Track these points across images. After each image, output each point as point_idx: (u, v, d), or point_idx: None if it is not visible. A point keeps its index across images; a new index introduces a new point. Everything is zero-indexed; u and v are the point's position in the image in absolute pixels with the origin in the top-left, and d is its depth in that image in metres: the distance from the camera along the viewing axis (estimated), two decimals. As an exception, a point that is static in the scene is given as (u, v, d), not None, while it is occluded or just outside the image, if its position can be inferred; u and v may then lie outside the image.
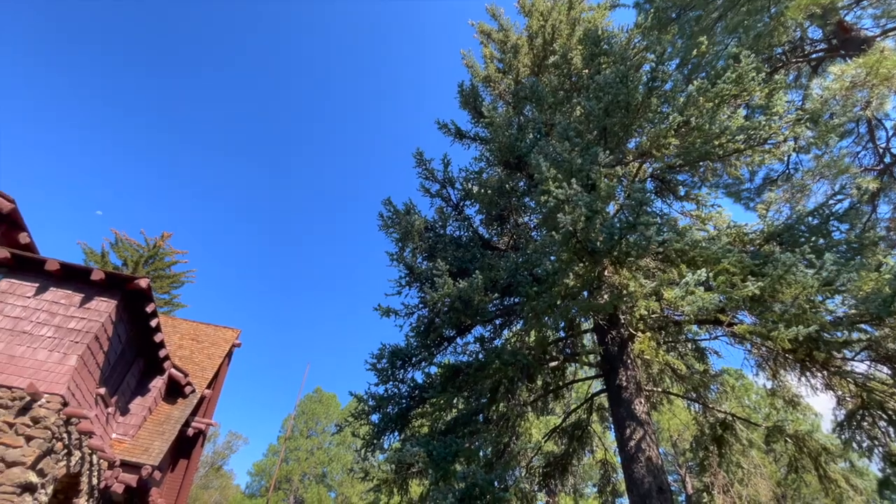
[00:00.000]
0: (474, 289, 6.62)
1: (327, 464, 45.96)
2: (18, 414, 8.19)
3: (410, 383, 8.23)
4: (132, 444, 12.24)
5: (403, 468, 6.46)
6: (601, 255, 6.39)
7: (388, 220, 8.63)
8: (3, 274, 9.87)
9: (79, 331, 9.62)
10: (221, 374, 18.98)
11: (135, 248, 28.35)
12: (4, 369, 8.57)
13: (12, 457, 7.76)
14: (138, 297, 10.91)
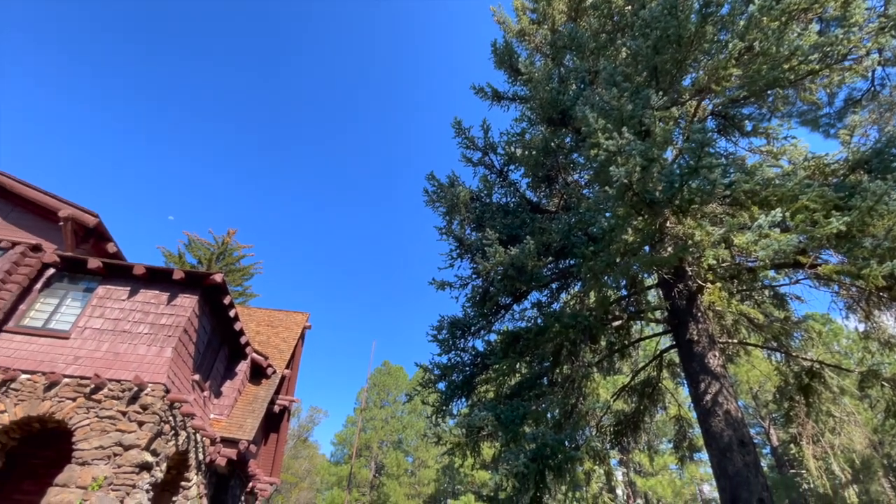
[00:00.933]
0: (527, 254, 6.51)
1: (402, 431, 48.62)
2: (129, 403, 9.31)
3: (472, 352, 8.37)
4: (228, 423, 13.59)
5: (474, 432, 6.67)
6: (661, 206, 6.01)
7: (432, 194, 8.61)
8: (98, 281, 11.06)
9: (170, 325, 10.64)
10: (297, 355, 20.39)
11: (206, 246, 30.64)
12: (112, 365, 9.71)
13: (129, 440, 8.88)
14: (216, 291, 11.84)
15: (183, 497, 11.02)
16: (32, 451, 11.05)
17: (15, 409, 8.79)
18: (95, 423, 8.88)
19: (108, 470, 8.38)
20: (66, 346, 9.85)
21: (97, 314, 10.44)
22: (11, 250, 10.50)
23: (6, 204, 11.84)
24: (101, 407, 9.07)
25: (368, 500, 44.43)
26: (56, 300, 10.62)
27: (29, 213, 11.74)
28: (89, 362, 9.63)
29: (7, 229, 11.36)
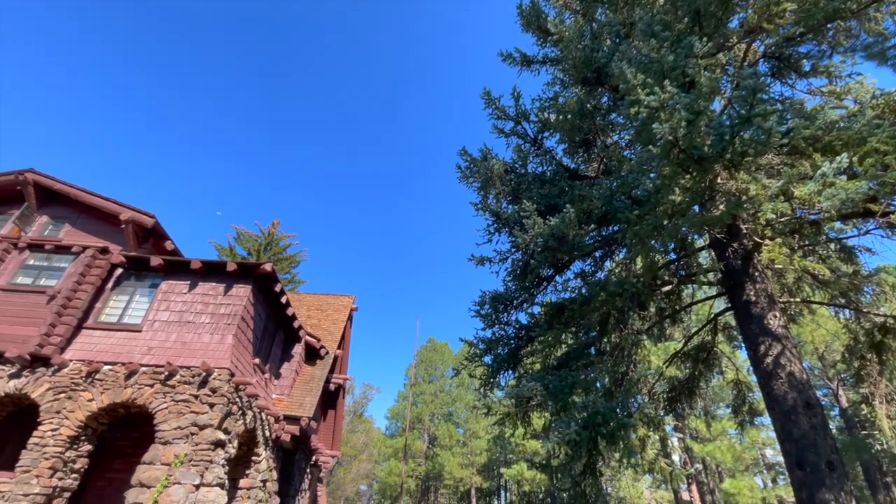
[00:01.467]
0: (567, 224, 6.34)
1: (451, 404, 49.96)
2: (199, 387, 10.06)
3: (515, 325, 8.36)
4: (289, 402, 14.44)
5: (523, 402, 6.73)
6: (711, 162, 5.64)
7: (465, 170, 8.50)
8: (161, 277, 11.86)
9: (228, 314, 11.31)
10: (347, 336, 21.21)
11: (254, 238, 32.08)
12: (181, 353, 10.50)
13: (203, 421, 9.64)
14: (267, 280, 12.43)
15: (255, 470, 11.92)
16: (120, 434, 12.27)
17: (101, 396, 9.74)
18: (172, 406, 9.70)
19: (188, 448, 9.18)
20: (139, 338, 10.73)
21: (163, 307, 11.26)
22: (83, 254, 11.42)
23: (72, 212, 12.84)
24: (175, 392, 9.88)
25: (424, 470, 46.34)
26: (126, 297, 11.52)
27: (93, 218, 12.69)
28: (161, 352, 10.47)
29: (76, 235, 12.35)
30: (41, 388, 9.70)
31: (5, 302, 10.68)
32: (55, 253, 11.53)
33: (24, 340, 10.01)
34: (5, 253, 11.31)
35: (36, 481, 8.62)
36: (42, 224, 12.59)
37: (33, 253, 11.51)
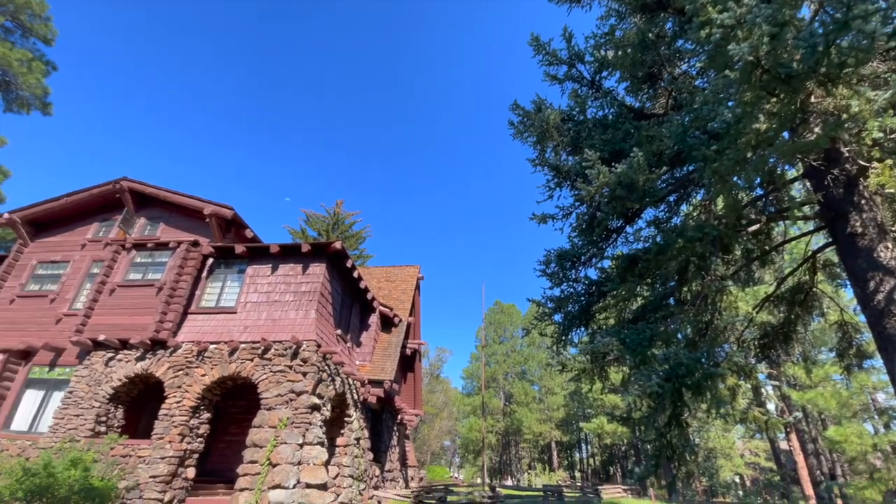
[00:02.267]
0: (635, 169, 5.91)
1: (524, 363, 50.60)
2: (292, 358, 11.02)
3: (585, 281, 8.11)
4: (371, 367, 15.43)
5: (598, 357, 6.61)
6: (801, 79, 4.90)
7: (519, 125, 8.13)
8: (245, 263, 12.92)
9: (309, 292, 12.14)
10: (417, 304, 21.99)
11: (321, 219, 33.77)
12: (272, 329, 11.51)
13: (298, 388, 10.60)
14: (338, 257, 13.11)
15: (348, 430, 13.04)
16: (231, 402, 13.93)
17: (212, 371, 11.04)
18: (271, 376, 10.77)
19: (289, 412, 10.22)
20: (235, 318, 11.91)
21: (252, 290, 12.33)
22: (178, 249, 12.72)
23: (164, 211, 14.25)
24: (272, 364, 10.93)
25: (503, 426, 47.93)
26: (219, 283, 12.75)
27: (182, 215, 14.01)
28: (255, 329, 11.57)
29: (170, 232, 13.74)
30: (163, 367, 11.20)
31: (123, 296, 12.28)
32: (155, 250, 12.95)
33: (143, 328, 11.52)
34: (116, 254, 12.90)
35: (169, 446, 10.10)
36: (141, 225, 14.14)
37: (138, 252, 13.02)
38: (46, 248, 14.06)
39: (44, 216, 14.24)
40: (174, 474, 9.96)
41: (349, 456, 12.39)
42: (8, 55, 19.35)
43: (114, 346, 11.56)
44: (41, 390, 11.80)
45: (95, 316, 11.94)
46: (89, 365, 11.46)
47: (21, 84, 20.53)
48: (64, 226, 14.47)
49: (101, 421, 10.85)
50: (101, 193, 14.15)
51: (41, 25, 21.65)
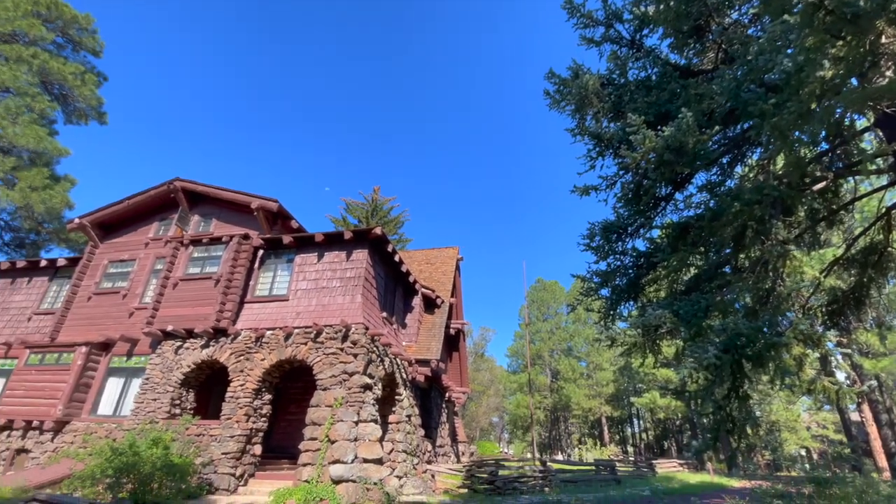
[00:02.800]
0: (684, 130, 5.55)
1: (569, 339, 50.04)
2: (342, 341, 11.45)
3: (632, 253, 7.82)
4: (417, 347, 15.78)
5: (650, 331, 6.39)
6: (870, 18, 4.39)
7: (555, 94, 7.81)
8: (293, 253, 13.43)
9: (353, 277, 12.50)
10: (458, 285, 22.14)
11: (360, 206, 34.45)
12: (322, 314, 11.97)
13: (350, 369, 11.02)
14: (379, 242, 13.36)
15: (399, 407, 13.49)
16: (289, 384, 14.72)
17: (270, 356, 11.68)
18: (324, 358, 11.27)
19: (343, 392, 10.68)
20: (288, 305, 12.47)
21: (301, 278, 12.85)
22: (231, 242, 13.40)
23: (215, 207, 14.99)
24: (324, 347, 11.41)
25: (551, 402, 47.93)
26: (271, 273, 13.35)
27: (232, 210, 14.69)
28: (307, 315, 12.08)
29: (222, 227, 14.47)
30: (225, 353, 11.96)
31: (185, 289, 13.14)
32: (210, 244, 13.71)
33: (205, 318, 12.32)
34: (175, 250, 13.77)
35: (236, 425, 10.86)
36: (196, 222, 14.97)
37: (195, 247, 13.83)
38: (115, 248, 15.21)
39: (109, 219, 15.36)
40: (243, 451, 10.73)
41: (402, 432, 12.84)
42: (63, 70, 20.73)
43: (181, 336, 12.46)
44: (121, 378, 12.95)
45: (163, 308, 12.89)
46: (161, 353, 12.44)
47: (77, 96, 21.99)
48: (128, 226, 15.57)
49: (176, 404, 11.80)
50: (157, 194, 15.06)
51: (89, 38, 22.97)
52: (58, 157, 20.58)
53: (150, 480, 8.75)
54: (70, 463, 10.00)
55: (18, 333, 14.66)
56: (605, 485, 15.18)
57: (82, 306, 14.20)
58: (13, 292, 15.86)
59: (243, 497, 9.69)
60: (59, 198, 19.34)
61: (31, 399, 12.56)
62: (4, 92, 19.64)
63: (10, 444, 12.18)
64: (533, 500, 11.46)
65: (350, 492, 8.90)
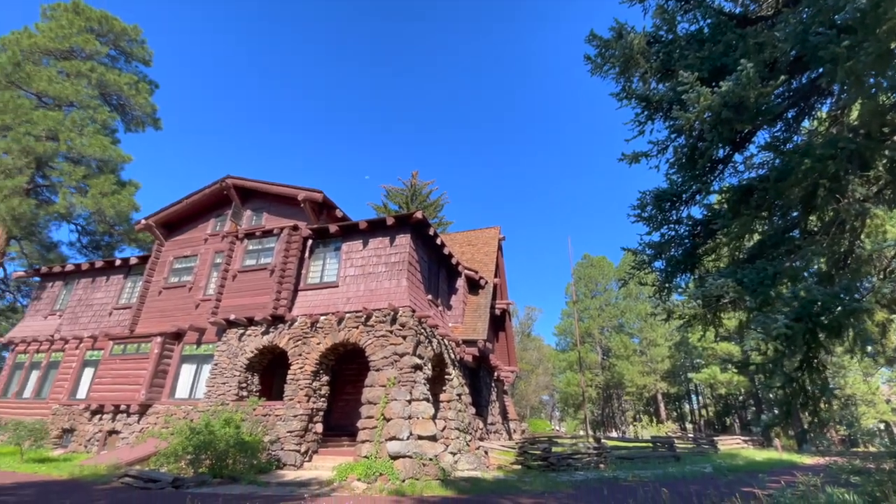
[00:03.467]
0: (744, 84, 5.09)
1: (620, 315, 48.66)
2: (391, 323, 11.74)
3: (688, 222, 7.38)
4: (464, 328, 15.92)
5: (711, 302, 6.04)
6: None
7: (597, 58, 7.39)
8: (340, 241, 13.82)
9: (398, 262, 12.71)
10: (500, 265, 22.00)
11: (400, 192, 34.80)
12: (371, 299, 12.30)
13: (400, 350, 11.31)
14: (420, 226, 13.47)
15: (449, 386, 13.74)
16: (344, 365, 15.34)
17: (325, 339, 12.19)
18: (374, 341, 11.62)
19: (395, 372, 11.00)
20: (338, 292, 12.92)
21: (349, 265, 13.24)
22: (282, 234, 13.97)
23: (265, 201, 15.64)
24: (375, 329, 11.76)
25: (603, 379, 47.15)
26: (320, 261, 13.85)
27: (281, 203, 15.29)
28: (356, 300, 12.46)
29: (273, 220, 15.10)
30: (284, 338, 12.62)
31: (243, 280, 13.90)
32: (263, 237, 14.37)
33: (264, 306, 13.01)
34: (232, 244, 14.54)
35: (298, 405, 11.49)
36: (248, 216, 15.71)
37: (249, 240, 14.55)
38: (178, 245, 16.30)
39: (171, 218, 16.44)
40: (306, 429, 11.37)
41: (453, 410, 13.11)
42: (118, 80, 22.12)
43: (243, 324, 13.26)
44: (193, 364, 14.02)
45: (225, 299, 13.73)
46: (226, 341, 13.31)
47: (134, 105, 23.46)
48: (188, 224, 16.60)
49: (243, 387, 12.64)
50: (211, 192, 15.91)
51: (139, 49, 24.30)
52: (121, 163, 22.17)
53: (225, 457, 9.50)
54: (155, 442, 11.02)
55: (102, 327, 16.17)
56: (663, 462, 14.83)
57: (154, 300, 15.39)
58: (94, 290, 17.45)
59: (309, 472, 10.31)
60: (127, 201, 20.89)
61: (118, 385, 13.88)
62: (69, 106, 21.27)
63: (103, 426, 13.57)
64: (588, 475, 11.40)
65: (407, 467, 9.23)
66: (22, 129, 18.83)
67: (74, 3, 22.26)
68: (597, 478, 11.00)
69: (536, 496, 8.20)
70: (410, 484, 8.69)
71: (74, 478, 9.41)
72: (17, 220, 18.53)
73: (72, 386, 15.28)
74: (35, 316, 18.24)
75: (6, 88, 19.73)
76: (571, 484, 9.88)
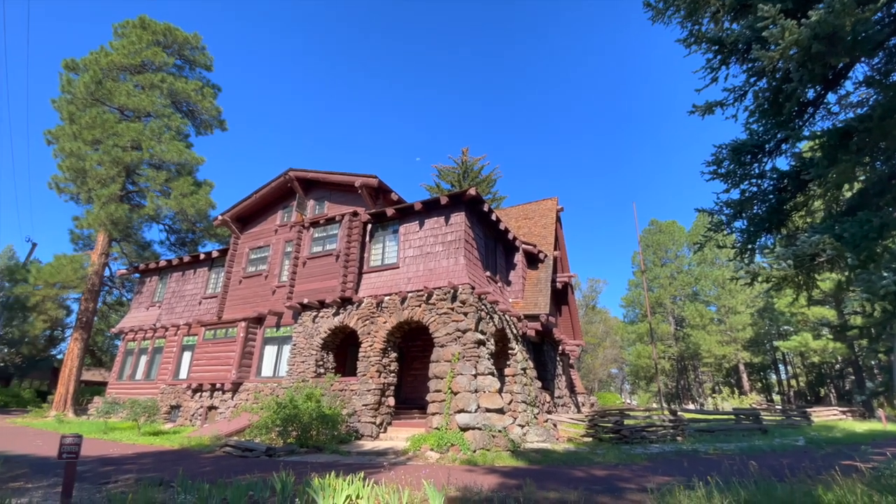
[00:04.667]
0: (838, 10, 4.39)
1: (694, 283, 45.72)
2: (451, 301, 11.88)
3: (772, 175, 6.65)
4: (524, 303, 15.77)
5: (804, 261, 5.41)
6: None
7: (657, 3, 6.73)
8: (397, 223, 14.10)
9: (454, 240, 12.76)
10: (560, 237, 21.37)
11: (451, 170, 34.70)
12: (430, 278, 12.50)
13: (463, 326, 11.44)
14: (474, 203, 13.37)
15: (513, 361, 13.76)
16: (410, 343, 15.87)
17: (390, 318, 12.64)
18: (437, 318, 11.86)
19: (459, 347, 11.20)
20: (399, 273, 13.27)
21: (407, 246, 13.52)
22: (343, 221, 14.52)
23: (325, 190, 16.27)
24: (436, 308, 11.99)
25: (676, 351, 44.93)
26: (380, 245, 14.26)
27: (340, 191, 15.84)
28: (416, 279, 12.74)
29: (334, 208, 15.71)
30: (353, 319, 13.25)
31: (312, 266, 14.68)
32: (326, 224, 15.02)
33: (333, 290, 13.70)
34: (299, 233, 15.36)
35: (371, 381, 12.09)
36: (311, 206, 16.47)
37: (314, 228, 15.27)
38: (252, 237, 17.51)
39: (243, 212, 17.64)
40: (379, 403, 11.98)
41: (518, 384, 13.15)
42: (186, 88, 23.75)
43: (315, 307, 14.09)
44: (274, 345, 15.18)
45: (297, 284, 14.63)
46: (302, 323, 14.24)
47: (201, 110, 25.13)
48: (259, 217, 17.74)
49: (319, 364, 13.52)
50: (276, 185, 16.82)
51: (200, 55, 25.84)
52: (196, 165, 24.00)
53: (309, 428, 10.28)
54: (248, 416, 12.16)
55: (194, 315, 17.93)
56: (748, 434, 13.96)
57: (236, 289, 16.75)
58: (185, 282, 19.33)
59: (385, 442, 10.90)
60: (204, 200, 22.69)
61: (212, 366, 15.41)
62: (146, 117, 23.25)
63: (203, 402, 15.19)
64: (665, 448, 11.02)
65: (477, 438, 9.45)
66: (110, 142, 20.94)
67: (141, 18, 24.04)
68: (674, 450, 10.60)
69: (610, 467, 8.08)
70: (481, 454, 8.90)
71: (184, 447, 10.67)
72: (115, 224, 20.81)
73: (174, 368, 17.20)
74: (138, 308, 20.63)
75: (92, 105, 21.95)
76: (646, 456, 9.61)
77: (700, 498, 4.31)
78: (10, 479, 6.14)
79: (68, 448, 4.81)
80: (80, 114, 21.41)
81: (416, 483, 5.44)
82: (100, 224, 20.58)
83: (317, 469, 6.91)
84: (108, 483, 5.99)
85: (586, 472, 7.45)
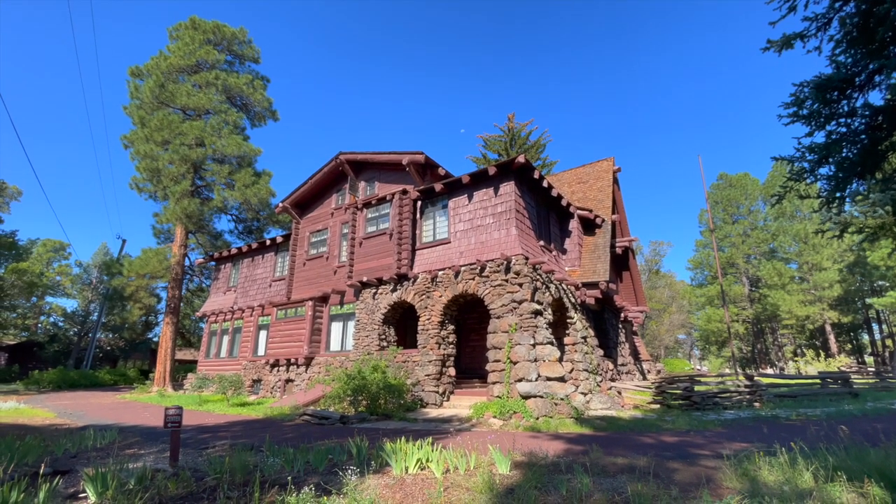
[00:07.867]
0: None
1: (770, 240, 42.12)
2: (505, 272, 11.82)
3: (864, 112, 5.85)
4: (582, 271, 15.35)
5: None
6: None
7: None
8: (446, 198, 14.10)
9: (504, 211, 12.59)
10: (618, 200, 20.36)
11: (498, 139, 33.88)
12: (483, 251, 12.48)
13: (518, 297, 11.39)
14: (524, 171, 13.03)
15: (573, 329, 13.56)
16: (466, 315, 16.10)
17: (445, 292, 12.85)
18: (492, 290, 11.89)
19: (515, 318, 11.20)
20: (451, 247, 13.37)
21: (457, 220, 13.54)
22: (394, 199, 14.76)
23: (375, 171, 16.56)
24: (490, 280, 12.01)
25: (751, 313, 42.05)
26: (431, 220, 14.39)
27: (388, 170, 16.06)
28: (468, 253, 12.78)
29: (384, 187, 15.99)
30: (410, 294, 13.62)
31: (368, 246, 15.17)
32: (378, 204, 15.36)
33: (389, 267, 14.11)
34: (353, 215, 15.85)
35: (431, 352, 12.46)
36: (363, 187, 16.87)
37: (367, 209, 15.68)
38: (311, 221, 18.33)
39: (301, 198, 18.44)
40: (440, 373, 12.37)
41: (579, 353, 12.98)
42: (238, 82, 24.79)
43: (374, 284, 14.63)
44: (340, 322, 16.03)
45: (356, 264, 15.23)
46: (363, 300, 14.88)
47: (253, 102, 26.21)
48: (315, 202, 18.49)
49: (382, 338, 14.13)
50: (329, 170, 17.36)
51: (248, 49, 26.75)
52: (254, 156, 25.26)
53: (377, 398, 10.87)
54: (321, 387, 13.05)
55: (266, 297, 19.28)
56: (836, 399, 12.92)
57: (301, 271, 17.74)
58: (255, 267, 20.75)
59: (448, 410, 11.30)
60: (265, 190, 23.95)
61: (285, 343, 16.60)
62: (206, 114, 24.64)
63: (280, 376, 16.47)
64: (740, 414, 10.50)
65: (539, 406, 9.52)
66: (177, 142, 22.52)
67: (191, 20, 25.20)
68: (751, 416, 10.07)
69: (681, 434, 7.85)
70: (545, 421, 8.98)
71: (267, 416, 11.71)
72: (189, 217, 22.59)
73: (253, 345, 18.73)
74: (217, 293, 22.51)
75: (158, 108, 23.61)
76: (720, 423, 9.22)
77: (782, 464, 4.09)
78: (126, 446, 7.09)
79: (172, 418, 5.44)
80: (148, 117, 23.13)
81: (482, 448, 5.62)
82: (176, 218, 22.44)
83: (388, 435, 7.33)
84: (208, 448, 6.74)
85: (655, 439, 7.30)
